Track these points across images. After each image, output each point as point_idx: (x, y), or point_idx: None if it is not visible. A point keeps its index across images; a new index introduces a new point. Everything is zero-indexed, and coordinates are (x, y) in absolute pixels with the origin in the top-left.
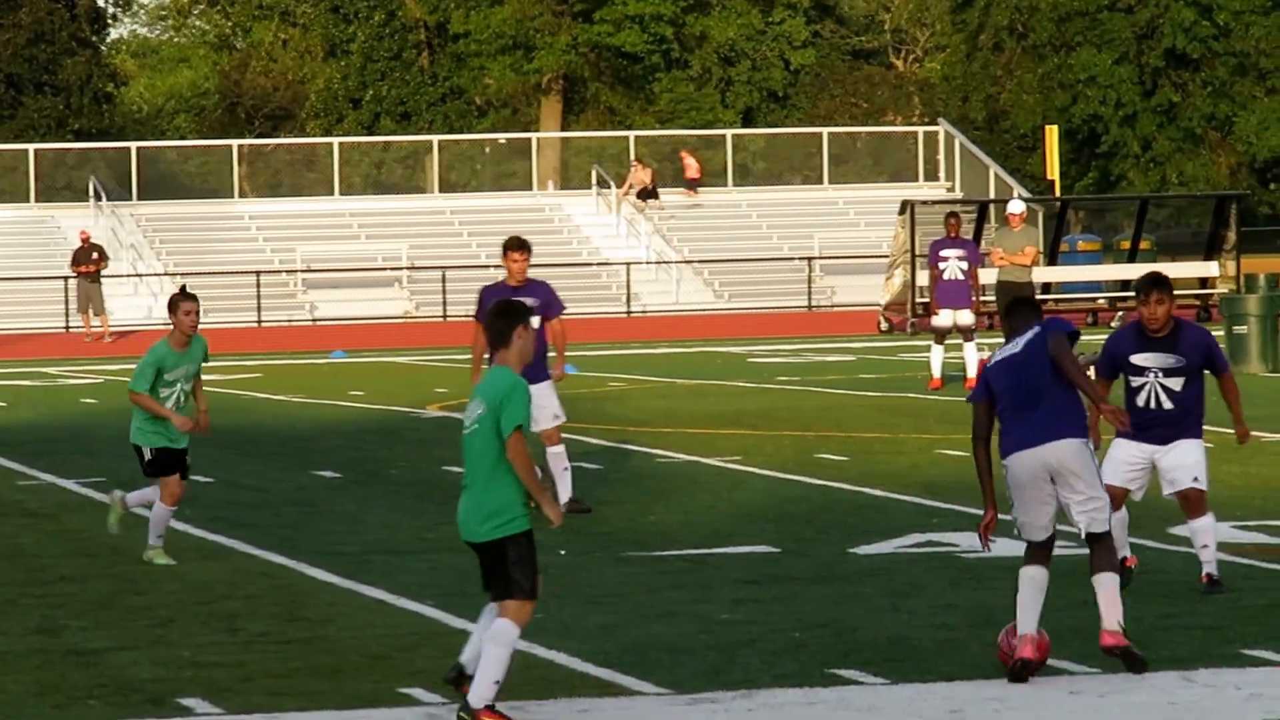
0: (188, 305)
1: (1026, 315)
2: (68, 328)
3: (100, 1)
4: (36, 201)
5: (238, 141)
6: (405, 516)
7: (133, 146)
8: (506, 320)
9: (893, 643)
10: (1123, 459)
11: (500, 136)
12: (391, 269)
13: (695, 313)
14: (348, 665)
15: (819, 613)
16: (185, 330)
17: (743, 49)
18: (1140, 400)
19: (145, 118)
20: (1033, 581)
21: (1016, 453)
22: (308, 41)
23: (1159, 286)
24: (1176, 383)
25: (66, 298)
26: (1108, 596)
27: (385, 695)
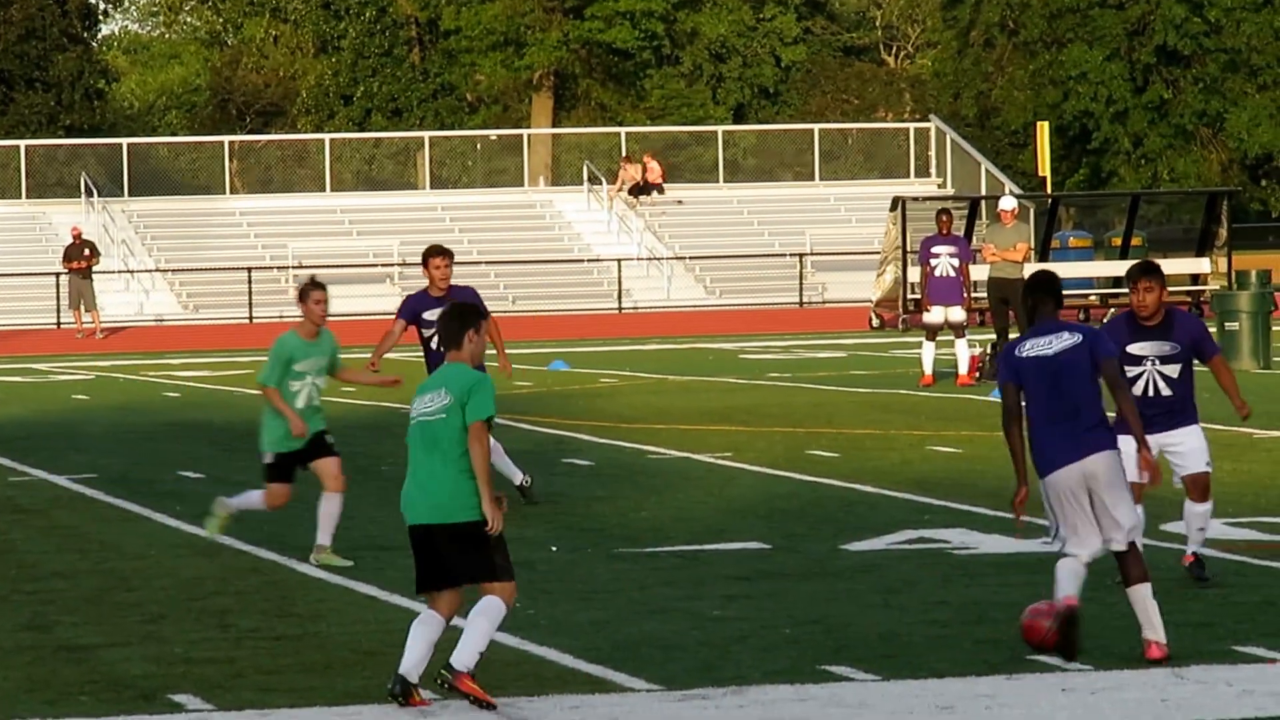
0: (318, 294)
1: (1052, 306)
2: (59, 324)
3: None
4: (28, 198)
5: (229, 138)
6: (395, 512)
7: (124, 143)
8: (459, 323)
9: (884, 639)
10: (1130, 453)
11: (491, 133)
12: (383, 265)
13: (686, 309)
14: (338, 661)
15: (810, 609)
16: (315, 320)
17: (734, 45)
18: (1139, 389)
19: (137, 114)
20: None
21: (1060, 470)
22: (299, 38)
23: (1147, 274)
24: (1173, 369)
25: (58, 294)
26: (1144, 608)
27: (376, 691)
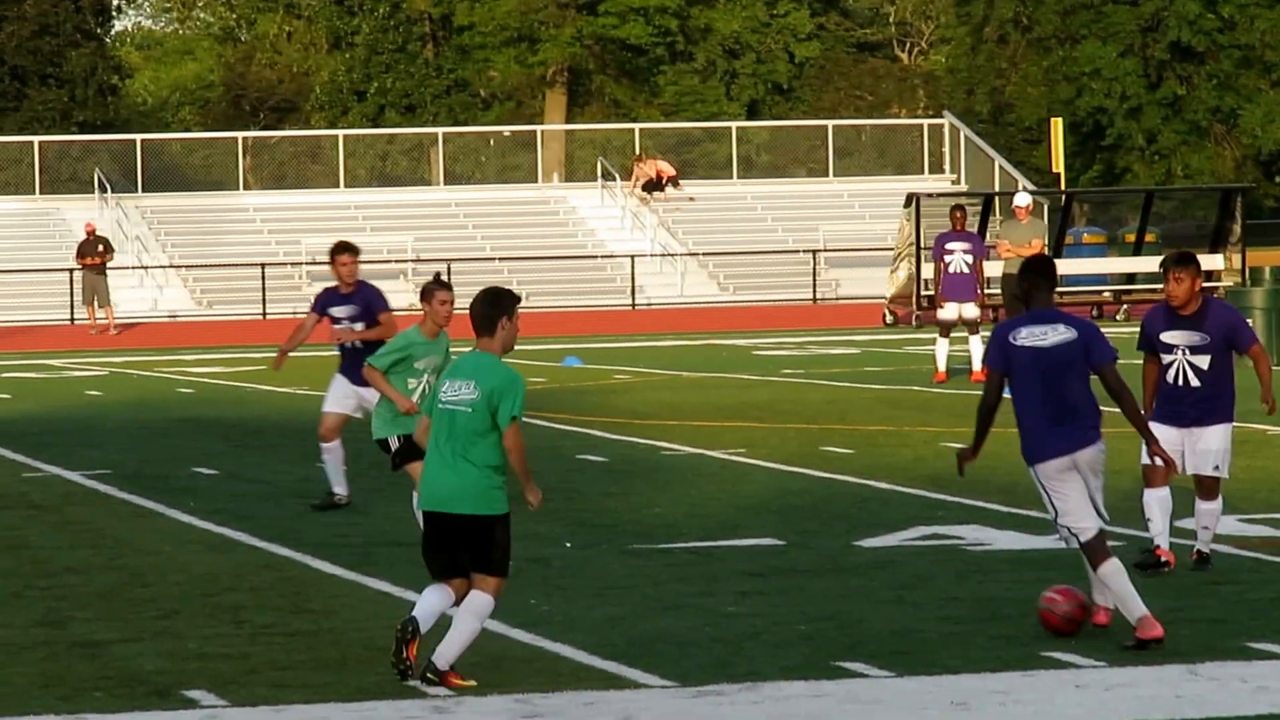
0: (444, 295)
1: (1048, 293)
2: (72, 320)
3: None
4: (41, 194)
5: (242, 134)
6: (409, 508)
7: (137, 139)
8: (494, 309)
9: (898, 635)
10: (1169, 440)
11: (505, 129)
12: (397, 261)
13: (700, 305)
14: (353, 657)
15: (824, 605)
16: (440, 321)
17: (747, 41)
18: (1169, 377)
19: (150, 110)
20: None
21: (1051, 460)
22: (312, 34)
23: (1180, 264)
24: (1203, 360)
25: (71, 290)
26: (1122, 589)
27: (390, 687)
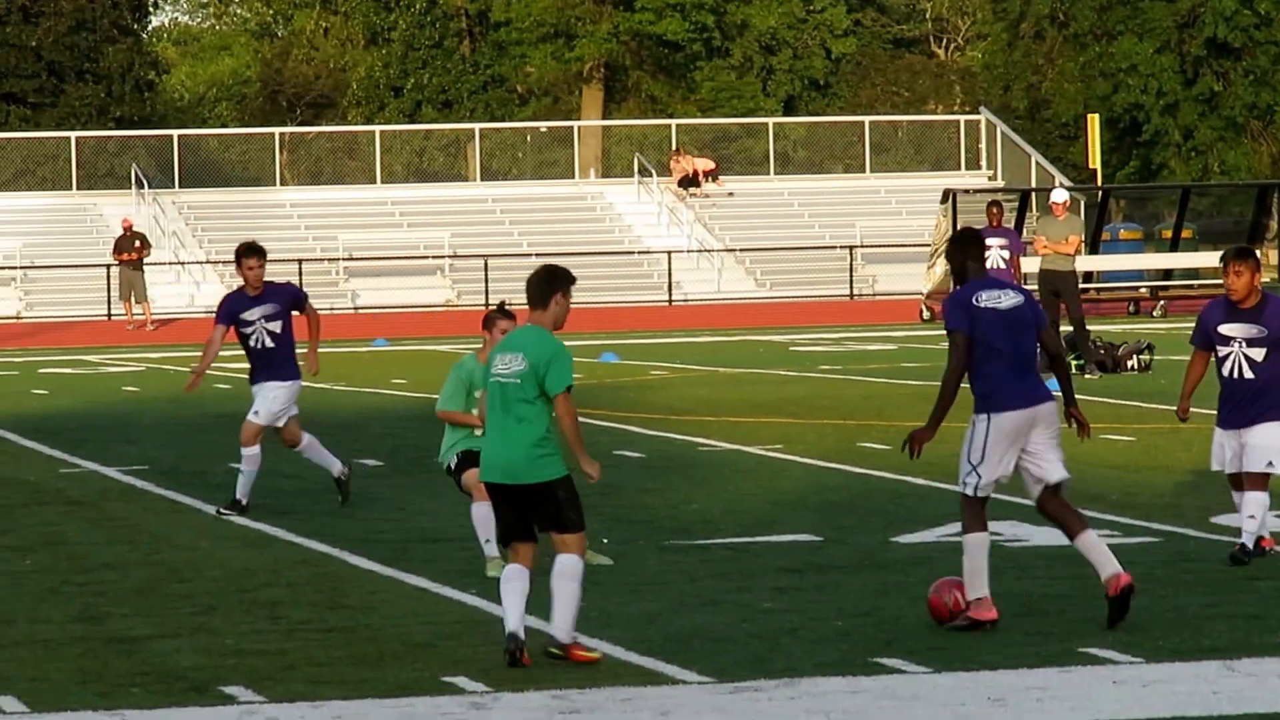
0: (506, 324)
1: (982, 263)
2: (109, 316)
3: None
4: (78, 189)
5: (279, 129)
6: (446, 504)
7: (174, 134)
8: (549, 285)
9: (935, 631)
10: (1223, 443)
11: (542, 125)
12: (433, 257)
13: (737, 301)
14: (390, 654)
15: (861, 601)
16: None
17: (784, 38)
18: (1225, 370)
19: (187, 105)
20: (983, 546)
21: (1015, 410)
22: (349, 29)
23: (1239, 257)
24: (1259, 353)
25: (108, 286)
26: (1098, 551)
27: (428, 683)
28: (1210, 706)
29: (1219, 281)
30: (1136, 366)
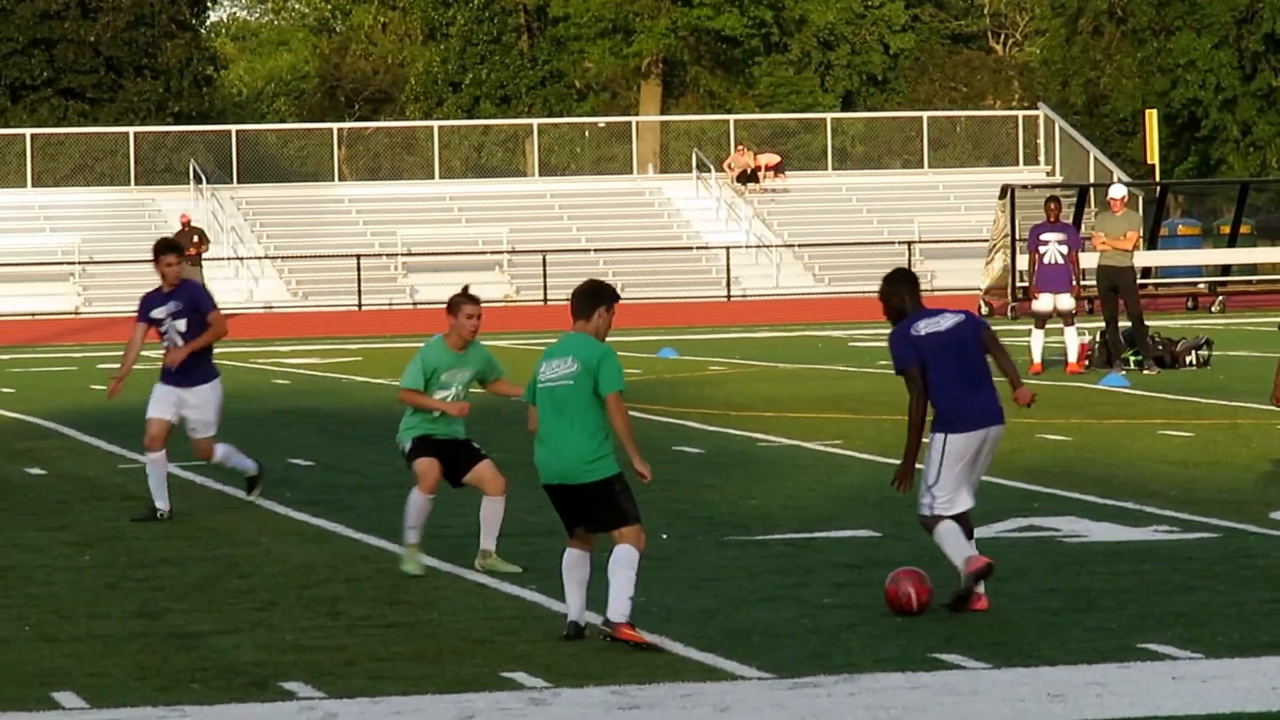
0: (471, 309)
1: (918, 298)
2: None
3: None
4: (136, 185)
5: (337, 125)
6: (506, 500)
7: (232, 130)
8: (594, 299)
9: (994, 627)
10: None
11: (600, 120)
12: (492, 252)
13: (795, 296)
14: (449, 649)
15: None
16: (465, 336)
17: (842, 33)
18: None
19: (245, 101)
20: (954, 528)
21: (971, 431)
22: (407, 25)
23: None
24: None
25: None
26: (960, 542)
27: (488, 679)
28: (1269, 702)
29: (1277, 277)
30: (1195, 362)
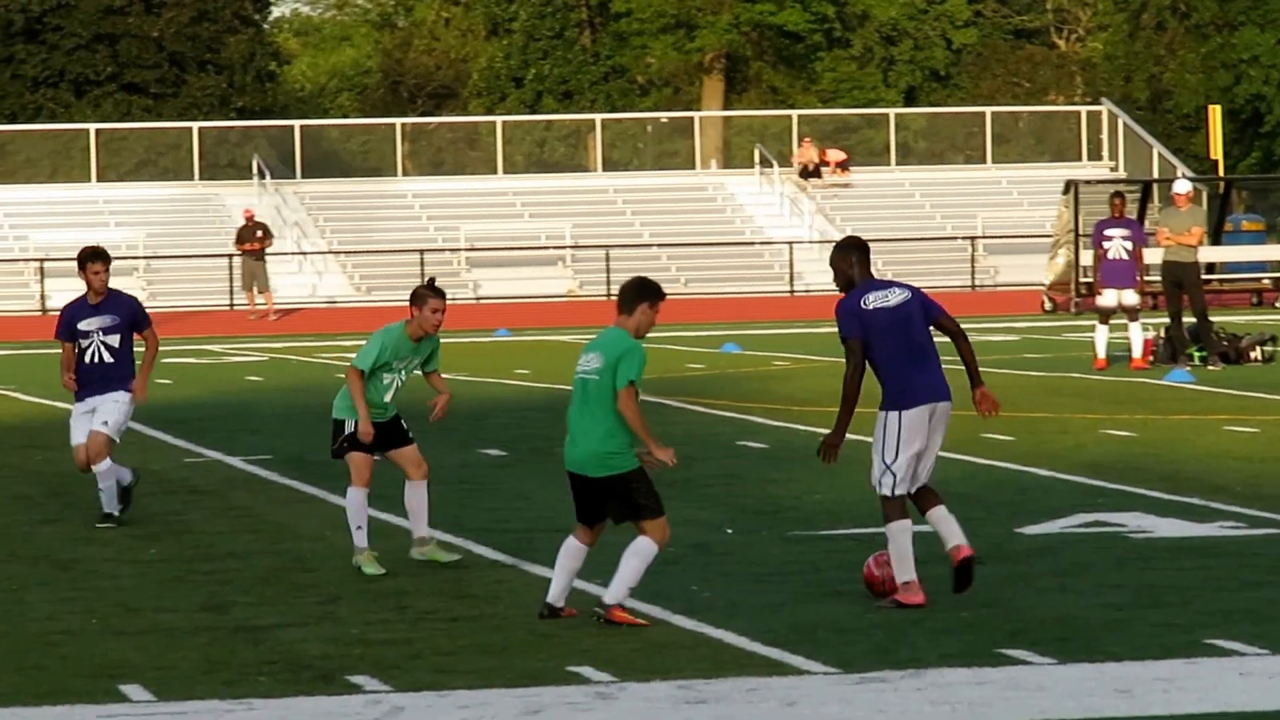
0: (437, 302)
1: (868, 265)
2: (232, 305)
3: None
4: (200, 179)
5: (400, 120)
6: (568, 494)
7: (296, 125)
8: (638, 295)
9: (1060, 623)
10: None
11: (663, 115)
12: (555, 248)
13: None
14: (515, 643)
15: (986, 592)
16: (429, 330)
17: (905, 28)
18: None
19: (308, 96)
20: (907, 532)
21: (920, 406)
22: (470, 20)
23: None
24: None
25: (231, 275)
26: (947, 524)
27: (554, 673)
28: None
29: None
30: (1260, 358)
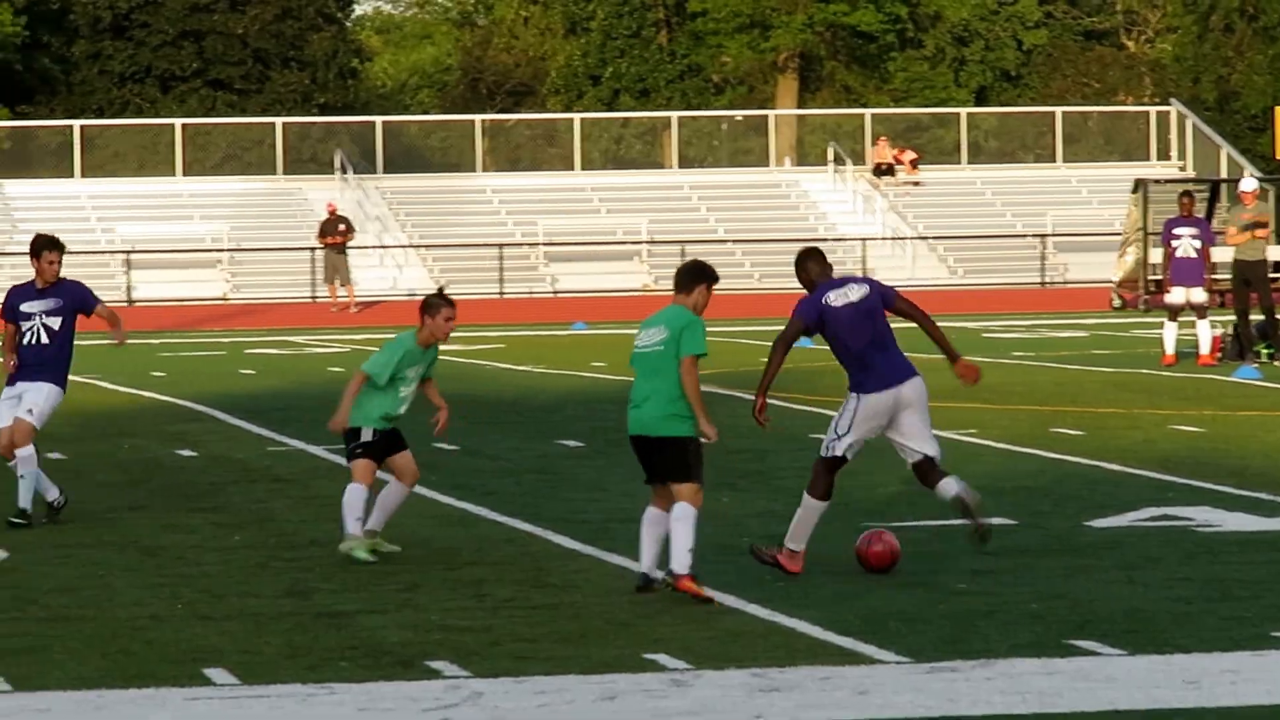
0: (449, 311)
1: (828, 268)
2: (314, 298)
3: None
4: (284, 174)
5: (480, 116)
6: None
7: (377, 121)
8: (696, 276)
9: (1128, 615)
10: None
11: (737, 113)
12: (631, 243)
13: (930, 288)
14: (593, 631)
15: (1055, 584)
16: (440, 338)
17: (976, 29)
18: None
19: (389, 93)
20: (819, 510)
21: (882, 390)
22: (548, 19)
23: None
24: None
25: (313, 268)
26: (965, 491)
27: (630, 661)
28: None
29: None
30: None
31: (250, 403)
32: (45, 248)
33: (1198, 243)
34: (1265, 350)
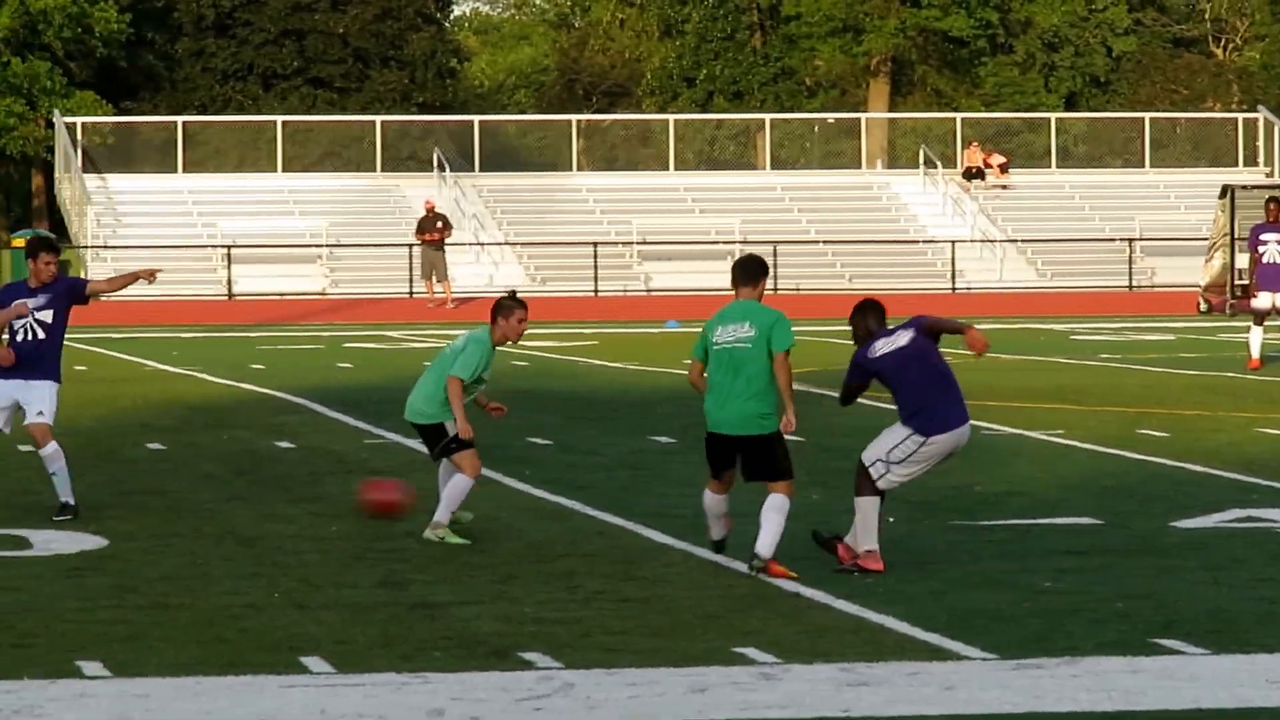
0: (522, 313)
1: (880, 315)
2: (411, 293)
3: None
4: (382, 171)
5: (576, 116)
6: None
7: (475, 120)
8: (758, 269)
9: (1212, 615)
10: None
11: (829, 116)
12: (724, 242)
13: (1018, 290)
14: (682, 624)
15: (1140, 584)
16: (513, 339)
17: (1066, 35)
18: None
19: (486, 93)
20: (875, 506)
21: (948, 431)
22: (644, 21)
23: None
24: None
25: (411, 265)
26: (868, 521)
27: (720, 654)
28: None
29: None
30: None
31: (348, 396)
32: (42, 249)
33: None
34: None
